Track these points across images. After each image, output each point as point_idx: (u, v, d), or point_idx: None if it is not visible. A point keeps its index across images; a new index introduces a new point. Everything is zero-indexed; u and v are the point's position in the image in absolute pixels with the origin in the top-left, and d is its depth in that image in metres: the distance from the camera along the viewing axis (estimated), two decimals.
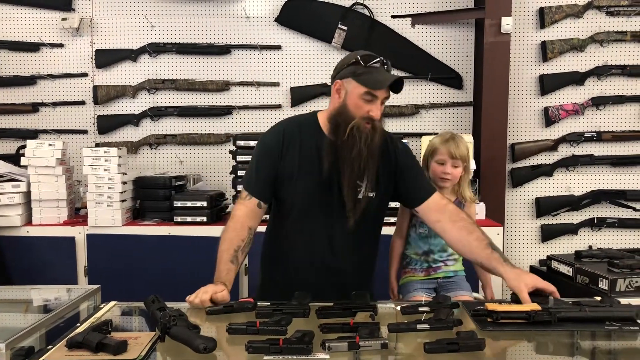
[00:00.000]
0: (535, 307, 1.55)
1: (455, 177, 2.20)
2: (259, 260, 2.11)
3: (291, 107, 3.61)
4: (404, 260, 2.26)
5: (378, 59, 1.82)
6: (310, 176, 1.89)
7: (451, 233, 1.89)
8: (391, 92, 1.84)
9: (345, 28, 3.50)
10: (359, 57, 1.82)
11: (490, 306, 1.56)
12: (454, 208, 1.94)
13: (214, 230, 3.05)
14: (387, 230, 2.14)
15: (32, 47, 3.63)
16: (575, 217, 3.60)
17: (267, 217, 2.10)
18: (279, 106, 3.62)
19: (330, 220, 1.92)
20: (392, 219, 2.31)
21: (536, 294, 1.64)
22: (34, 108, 3.65)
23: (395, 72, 3.54)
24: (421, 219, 2.08)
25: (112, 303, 1.80)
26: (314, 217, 1.92)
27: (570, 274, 2.26)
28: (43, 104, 3.66)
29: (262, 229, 2.05)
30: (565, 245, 3.61)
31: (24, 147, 3.21)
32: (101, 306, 1.77)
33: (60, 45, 3.64)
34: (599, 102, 3.53)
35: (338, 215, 1.90)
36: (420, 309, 1.59)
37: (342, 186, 1.87)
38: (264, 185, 1.94)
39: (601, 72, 3.51)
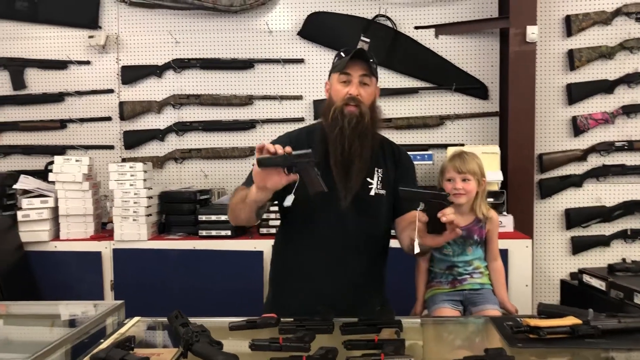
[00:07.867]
0: (576, 320, 1.50)
1: (468, 191, 2.19)
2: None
3: (314, 120, 3.60)
4: (429, 275, 2.26)
5: (351, 48, 1.93)
6: None
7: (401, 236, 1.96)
8: (370, 65, 1.91)
9: (368, 40, 3.48)
10: (339, 53, 1.97)
11: (533, 322, 1.50)
12: None
13: (238, 244, 3.05)
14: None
15: (60, 65, 3.71)
16: (607, 229, 3.51)
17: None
18: (302, 119, 3.62)
19: (335, 215, 1.90)
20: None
21: None
22: (61, 124, 3.72)
23: (419, 84, 3.54)
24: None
25: (136, 318, 1.80)
26: (319, 214, 1.91)
27: (604, 289, 2.19)
28: (71, 120, 3.72)
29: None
30: (597, 258, 3.51)
31: (52, 163, 3.27)
32: (125, 322, 1.78)
33: (87, 63, 3.70)
34: (630, 110, 3.44)
35: (342, 209, 1.88)
36: None
37: (330, 168, 1.87)
38: None
39: (632, 79, 3.42)
